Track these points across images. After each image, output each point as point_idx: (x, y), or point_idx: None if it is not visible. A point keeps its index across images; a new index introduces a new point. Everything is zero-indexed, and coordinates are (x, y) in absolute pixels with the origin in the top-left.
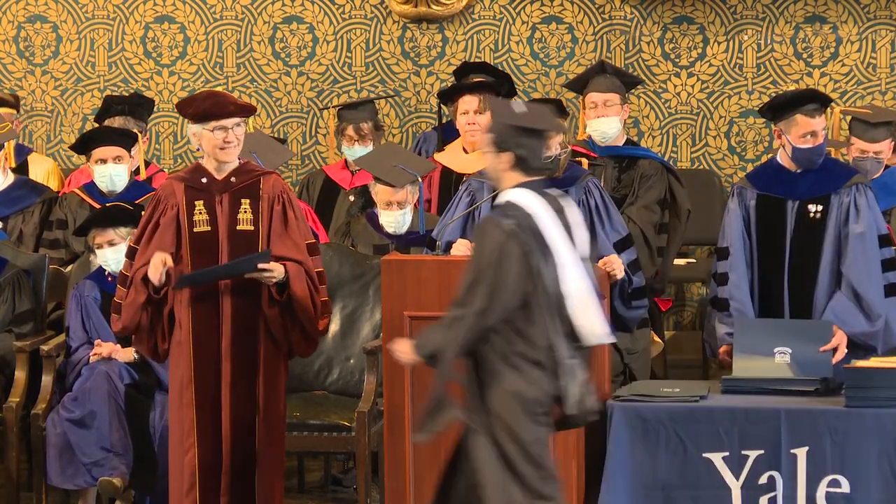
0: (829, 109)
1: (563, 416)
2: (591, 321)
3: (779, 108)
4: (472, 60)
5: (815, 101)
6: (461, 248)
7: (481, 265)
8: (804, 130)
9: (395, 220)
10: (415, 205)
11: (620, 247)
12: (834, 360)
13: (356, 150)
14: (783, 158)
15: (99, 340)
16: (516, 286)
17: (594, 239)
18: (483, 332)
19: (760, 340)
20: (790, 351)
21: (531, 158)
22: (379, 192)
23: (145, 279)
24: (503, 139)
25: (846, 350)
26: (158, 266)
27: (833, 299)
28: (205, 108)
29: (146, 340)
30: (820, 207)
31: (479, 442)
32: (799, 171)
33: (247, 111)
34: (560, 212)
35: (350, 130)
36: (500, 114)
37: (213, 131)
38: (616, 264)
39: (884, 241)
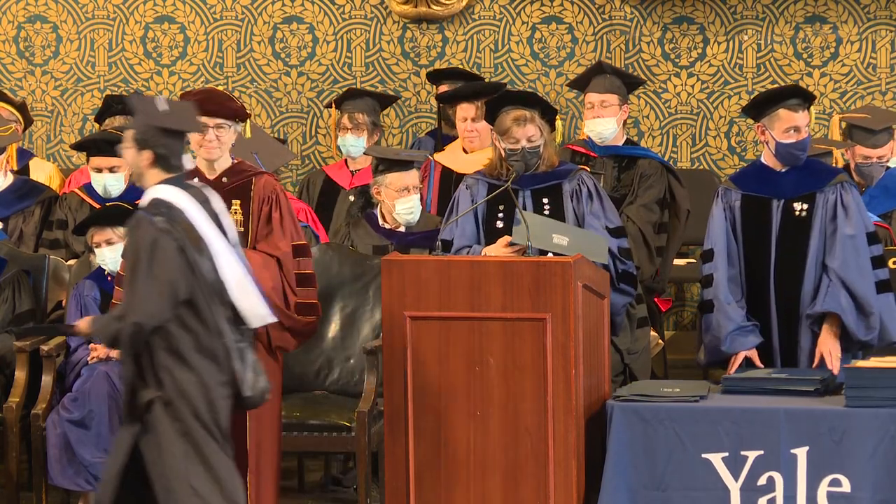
0: (812, 107)
1: (240, 398)
2: (252, 304)
3: (762, 104)
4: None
5: (797, 96)
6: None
7: (137, 265)
8: (787, 125)
9: (413, 205)
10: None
11: (615, 235)
12: None
13: (348, 140)
14: (767, 158)
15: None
16: (177, 281)
17: (580, 226)
18: (149, 331)
19: (542, 230)
20: (567, 239)
21: (171, 157)
22: (392, 182)
23: None
24: (145, 137)
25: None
26: None
27: (831, 291)
28: None
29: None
30: (805, 206)
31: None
32: (783, 170)
33: (229, 113)
34: (205, 202)
35: (345, 119)
36: (143, 112)
37: None
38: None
39: (871, 238)
